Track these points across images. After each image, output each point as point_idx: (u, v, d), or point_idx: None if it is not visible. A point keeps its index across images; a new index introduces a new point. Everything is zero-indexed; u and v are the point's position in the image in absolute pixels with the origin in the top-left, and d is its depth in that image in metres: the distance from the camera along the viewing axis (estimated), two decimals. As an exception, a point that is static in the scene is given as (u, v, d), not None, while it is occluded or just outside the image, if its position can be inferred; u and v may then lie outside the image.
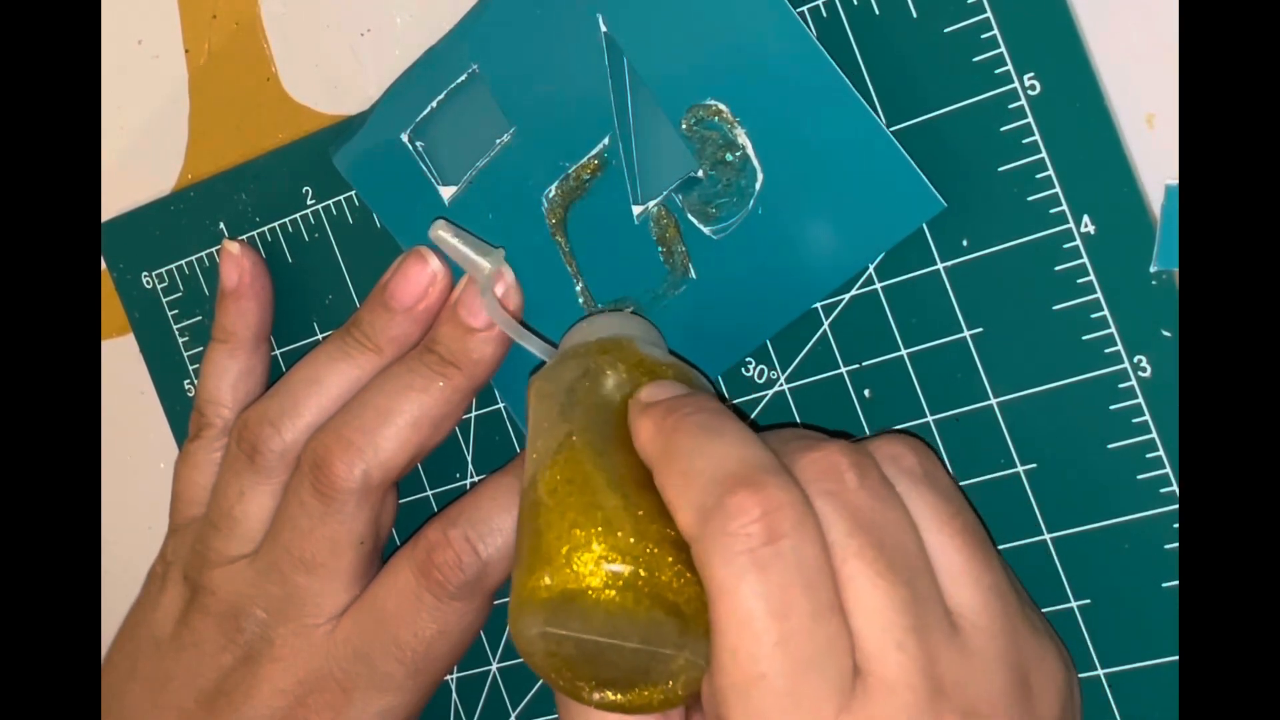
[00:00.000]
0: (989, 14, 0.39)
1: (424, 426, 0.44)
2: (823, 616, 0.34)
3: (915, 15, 0.40)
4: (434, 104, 0.45)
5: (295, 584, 0.45)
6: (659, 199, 0.43)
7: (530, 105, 0.44)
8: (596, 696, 0.37)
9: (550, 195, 0.44)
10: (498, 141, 0.45)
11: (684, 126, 0.42)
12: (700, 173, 0.42)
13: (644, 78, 0.42)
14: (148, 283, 0.53)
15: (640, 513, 0.36)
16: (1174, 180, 0.38)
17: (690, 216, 0.43)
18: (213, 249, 0.51)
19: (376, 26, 0.48)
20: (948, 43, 0.40)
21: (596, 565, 0.36)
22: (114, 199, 0.53)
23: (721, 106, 0.42)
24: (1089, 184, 0.39)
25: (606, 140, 0.43)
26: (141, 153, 0.53)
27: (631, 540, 0.36)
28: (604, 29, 0.43)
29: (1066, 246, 0.40)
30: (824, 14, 0.41)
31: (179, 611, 0.47)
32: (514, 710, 0.49)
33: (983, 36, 0.39)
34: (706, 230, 0.43)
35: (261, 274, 0.49)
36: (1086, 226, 0.39)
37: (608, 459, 0.38)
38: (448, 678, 0.50)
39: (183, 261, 0.52)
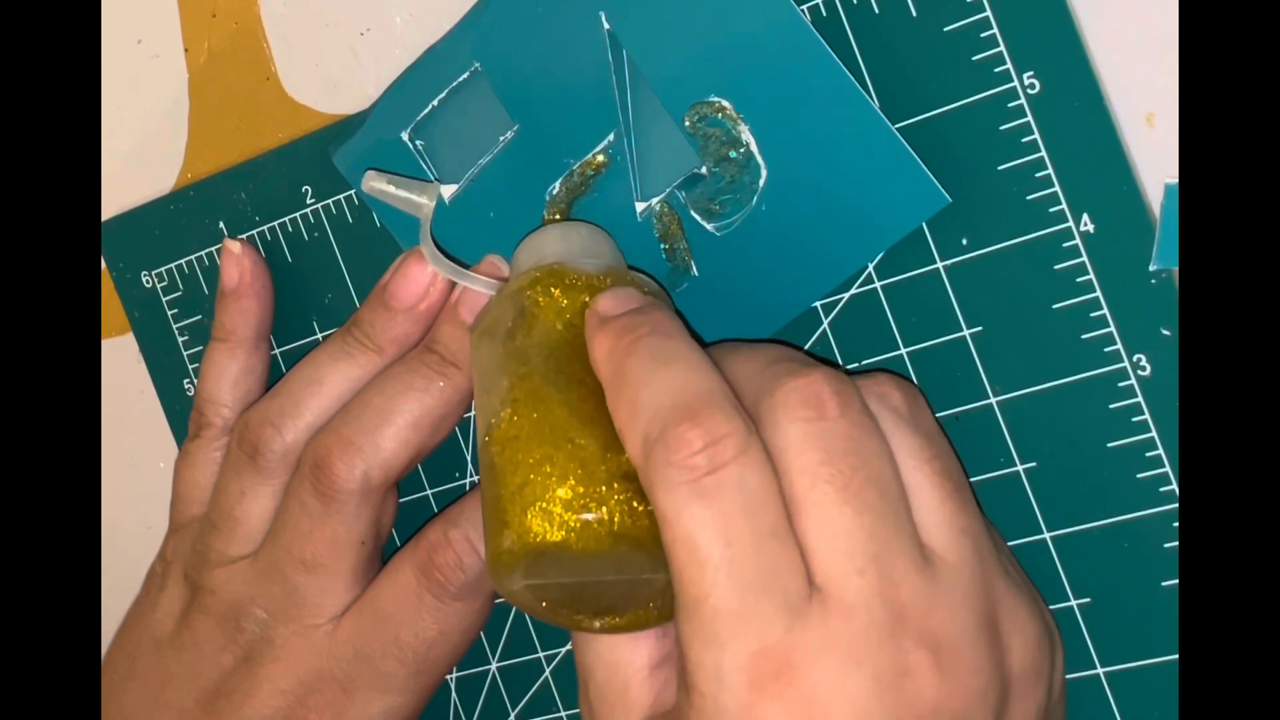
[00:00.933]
0: (988, 13, 0.39)
1: (425, 426, 0.44)
2: (766, 541, 0.34)
3: (915, 14, 0.40)
4: (435, 102, 0.45)
5: (296, 584, 0.45)
6: (662, 196, 0.43)
7: (534, 102, 0.44)
8: (598, 624, 0.37)
9: (554, 192, 0.45)
10: (500, 139, 0.45)
11: (687, 123, 0.42)
12: (704, 169, 0.42)
13: (647, 75, 0.42)
14: (147, 282, 0.53)
15: (589, 453, 0.37)
16: (1173, 179, 0.38)
17: (693, 213, 0.43)
18: (212, 248, 0.51)
19: (376, 26, 0.48)
20: (947, 41, 0.40)
21: (553, 520, 0.36)
22: (114, 198, 0.53)
23: (725, 103, 0.42)
24: (1088, 183, 0.39)
25: (611, 137, 0.43)
26: (141, 152, 0.53)
27: (584, 488, 0.36)
28: (607, 26, 0.43)
29: (1066, 245, 0.40)
30: (823, 13, 0.41)
31: (179, 611, 0.47)
32: (513, 710, 0.49)
33: (982, 35, 0.39)
34: (709, 227, 0.43)
35: (262, 273, 0.49)
36: (1086, 225, 0.39)
37: (553, 400, 0.38)
38: (447, 677, 0.50)
39: (182, 261, 0.52)
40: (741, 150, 0.42)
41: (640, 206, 0.44)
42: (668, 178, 0.43)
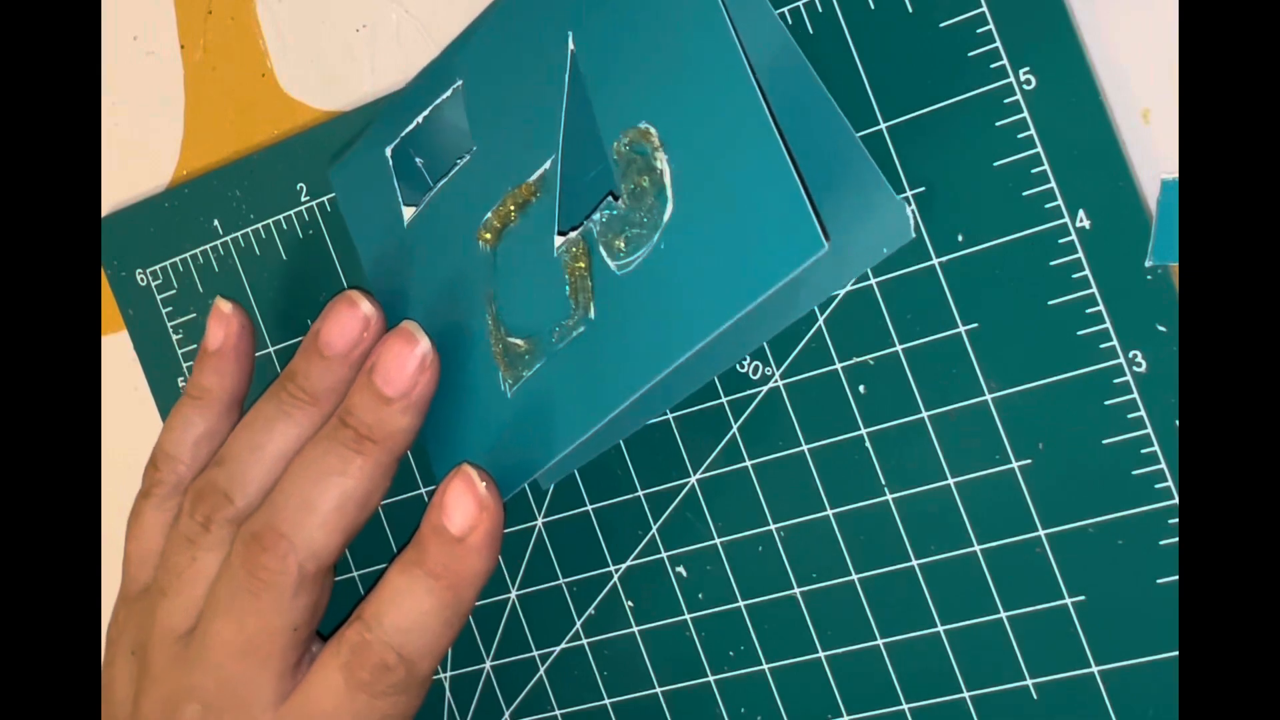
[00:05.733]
0: (984, 8, 0.39)
1: (350, 509, 0.44)
2: None
3: (910, 10, 0.40)
4: (419, 120, 0.44)
5: (228, 673, 0.44)
6: (580, 228, 0.42)
7: (494, 125, 0.43)
8: None
9: (487, 219, 0.43)
10: (458, 161, 0.44)
11: (620, 149, 0.41)
12: (620, 200, 0.41)
13: (594, 98, 0.41)
14: (142, 280, 0.52)
15: None
16: (1169, 175, 0.38)
17: (601, 249, 0.41)
18: (207, 245, 0.51)
19: (372, 22, 0.48)
20: (943, 37, 0.40)
21: None
22: (109, 195, 0.53)
23: (652, 130, 0.40)
24: (1084, 179, 0.39)
25: (548, 164, 0.42)
26: (137, 149, 0.53)
27: None
28: (571, 47, 0.41)
29: (1061, 241, 0.40)
30: (819, 8, 0.41)
31: (132, 693, 0.47)
32: (507, 709, 0.49)
33: (978, 31, 0.39)
34: (612, 265, 0.41)
35: (247, 337, 0.48)
36: (1081, 221, 0.39)
37: None
38: (442, 677, 0.50)
39: (177, 259, 0.52)
40: (654, 180, 0.40)
41: (559, 241, 0.42)
42: (587, 206, 0.41)
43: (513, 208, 0.42)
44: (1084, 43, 0.39)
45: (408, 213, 0.45)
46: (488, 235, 0.43)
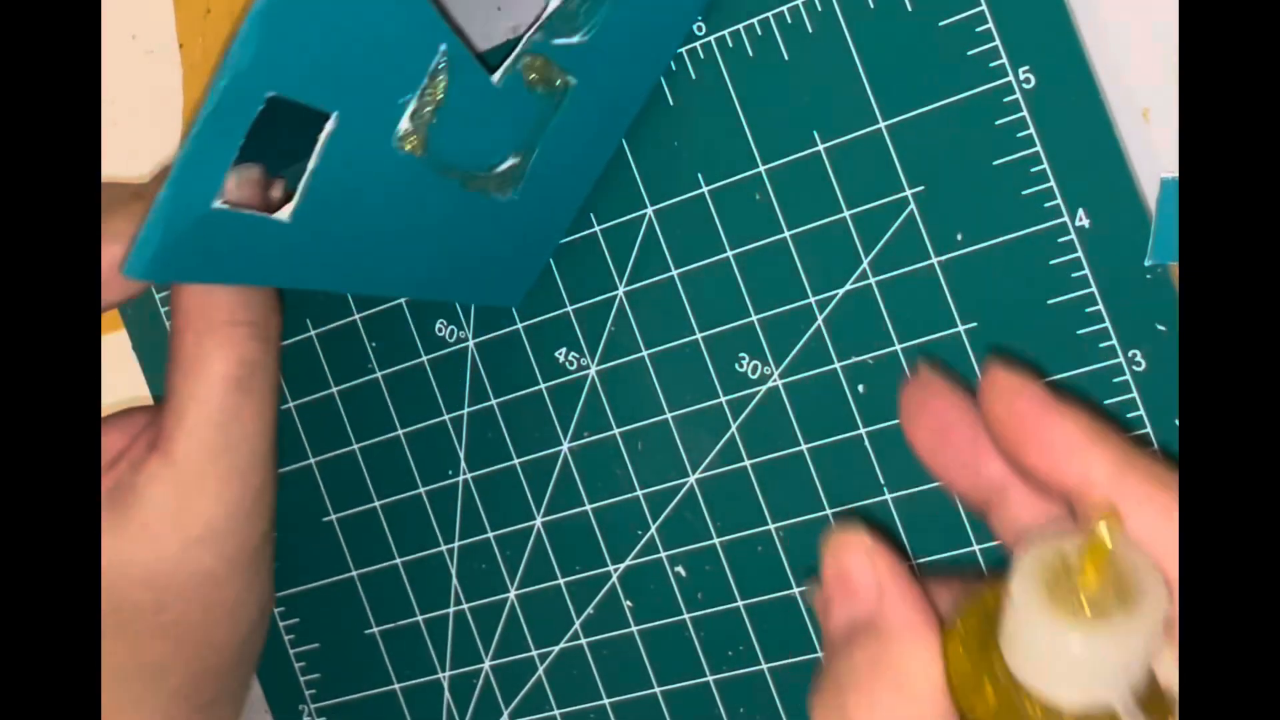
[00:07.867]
0: (984, 8, 0.39)
1: None
2: None
3: (910, 8, 0.40)
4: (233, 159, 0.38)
5: None
6: (519, 49, 0.39)
7: (343, 82, 0.38)
8: None
9: (403, 132, 0.39)
10: (322, 136, 0.38)
11: None
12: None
13: None
14: (141, 279, 0.52)
15: None
16: (1169, 174, 0.38)
17: (556, 42, 0.40)
18: (206, 245, 0.51)
19: (371, 22, 0.48)
20: (942, 36, 0.40)
21: None
22: (108, 195, 0.53)
23: None
24: (1084, 178, 0.39)
25: (441, 52, 0.38)
26: (135, 149, 0.53)
27: None
28: None
29: (1061, 241, 0.40)
30: (818, 7, 0.41)
31: None
32: (506, 709, 0.49)
33: (978, 30, 0.39)
34: (575, 40, 0.40)
35: None
36: (1081, 220, 0.39)
37: None
38: (440, 677, 0.50)
39: (176, 258, 0.51)
40: None
41: (496, 75, 0.40)
42: (529, 19, 0.40)
43: (431, 104, 0.40)
44: (1084, 42, 0.39)
45: (285, 211, 0.39)
46: (409, 145, 0.40)
